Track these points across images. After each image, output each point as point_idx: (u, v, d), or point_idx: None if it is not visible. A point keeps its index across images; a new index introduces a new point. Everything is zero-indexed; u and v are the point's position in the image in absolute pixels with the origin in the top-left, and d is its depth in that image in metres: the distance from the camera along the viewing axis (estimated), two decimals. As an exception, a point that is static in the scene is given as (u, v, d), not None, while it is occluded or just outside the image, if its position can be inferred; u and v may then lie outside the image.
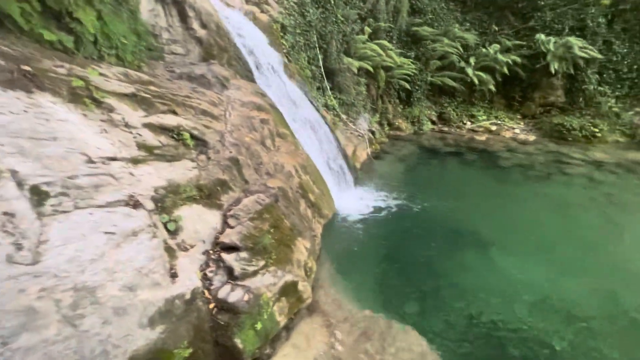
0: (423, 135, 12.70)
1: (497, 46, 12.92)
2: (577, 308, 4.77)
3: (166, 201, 3.17)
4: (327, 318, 3.73)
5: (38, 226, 2.15)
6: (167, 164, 3.50)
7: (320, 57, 9.55)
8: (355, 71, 10.51)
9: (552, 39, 12.03)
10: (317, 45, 9.38)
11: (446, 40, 13.07)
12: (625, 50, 12.11)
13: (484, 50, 13.12)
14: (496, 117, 13.39)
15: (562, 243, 6.42)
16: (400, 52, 12.69)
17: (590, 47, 11.86)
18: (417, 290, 5.04)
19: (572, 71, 12.16)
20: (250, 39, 6.61)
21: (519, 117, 13.43)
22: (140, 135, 3.38)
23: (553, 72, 12.04)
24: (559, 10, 12.80)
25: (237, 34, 6.37)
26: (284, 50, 7.67)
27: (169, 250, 2.91)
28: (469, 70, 12.81)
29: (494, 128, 12.91)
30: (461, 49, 13.16)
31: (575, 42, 11.77)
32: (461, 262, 5.75)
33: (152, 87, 4.07)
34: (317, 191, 5.52)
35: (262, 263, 3.35)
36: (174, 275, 2.79)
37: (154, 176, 3.23)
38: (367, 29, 11.69)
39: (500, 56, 12.71)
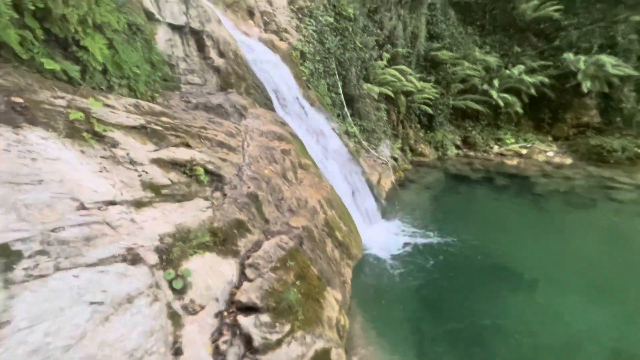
0: (448, 161, 12.02)
1: (521, 67, 12.41)
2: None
3: (173, 252, 2.63)
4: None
5: (1, 301, 1.62)
6: (176, 205, 3.00)
7: (339, 83, 9.26)
8: (376, 97, 10.16)
9: (582, 57, 11.44)
10: (336, 72, 9.12)
11: (467, 64, 12.69)
12: (664, 66, 11.35)
13: (507, 72, 12.63)
14: (525, 140, 12.62)
15: (622, 280, 5.49)
16: (420, 76, 12.36)
17: (624, 64, 11.17)
18: (458, 339, 4.24)
19: (606, 90, 11.42)
20: (269, 67, 6.34)
21: (550, 139, 12.61)
22: (146, 172, 2.91)
23: (585, 91, 11.33)
24: (585, 29, 12.30)
25: (255, 60, 6.11)
26: (304, 78, 7.38)
27: (174, 316, 2.32)
28: (493, 93, 12.27)
29: (524, 151, 12.11)
30: (483, 72, 12.72)
31: (607, 59, 11.12)
32: (506, 307, 4.92)
33: (164, 119, 3.68)
34: (344, 228, 4.90)
35: (287, 328, 2.69)
36: (178, 352, 2.18)
37: (160, 221, 2.71)
38: (386, 55, 11.47)
39: (525, 77, 12.16)
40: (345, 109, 9.22)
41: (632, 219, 7.80)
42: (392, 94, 10.61)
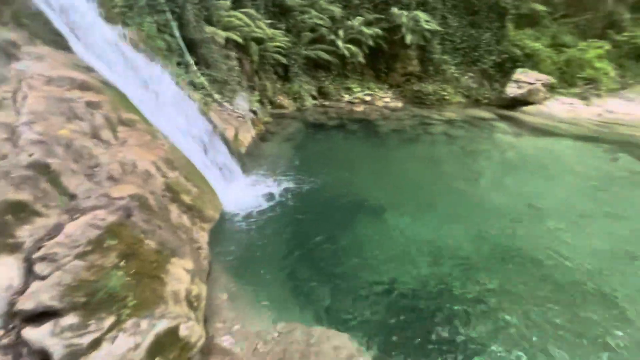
0: (307, 112, 12.38)
1: (360, 19, 13.38)
2: (460, 249, 5.28)
3: None
4: (231, 357, 2.81)
5: None
6: None
7: (174, 24, 7.76)
8: (223, 43, 9.10)
9: (404, 12, 13.15)
10: (167, 9, 7.54)
11: (314, 12, 12.77)
12: (456, 24, 14.29)
13: (349, 22, 13.41)
14: (369, 88, 14.14)
15: (438, 194, 7.10)
16: (270, 22, 11.75)
17: (433, 20, 13.49)
18: (328, 279, 4.63)
19: (422, 42, 13.67)
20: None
21: (387, 87, 14.52)
22: None
23: (409, 43, 13.27)
24: (405, -14, 14.02)
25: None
26: (116, 10, 5.72)
27: None
28: (340, 43, 12.94)
29: (368, 99, 13.62)
30: (329, 22, 13.11)
31: (422, 15, 13.17)
32: (362, 233, 5.68)
33: None
34: (194, 190, 4.31)
35: (109, 322, 2.13)
36: None
37: None
38: (229, -5, 10.25)
39: (364, 29, 13.22)
40: (187, 55, 7.93)
41: (442, 146, 9.96)
42: (241, 41, 9.74)
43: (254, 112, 10.10)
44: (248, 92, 10.69)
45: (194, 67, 7.99)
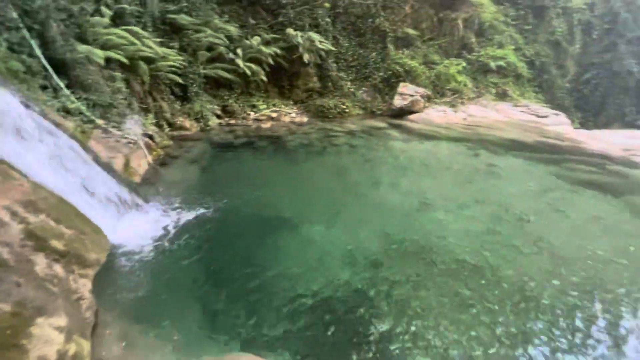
0: (212, 131, 11.95)
1: (258, 38, 13.67)
2: (368, 250, 5.76)
3: None
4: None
5: None
6: None
7: (34, 42, 6.67)
8: (102, 63, 8.19)
9: (299, 33, 13.95)
10: (22, 25, 6.45)
11: (209, 31, 12.55)
12: (347, 44, 15.79)
13: (247, 42, 13.57)
14: (274, 105, 14.44)
15: (345, 201, 7.64)
16: (161, 41, 11.10)
17: (326, 41, 14.64)
18: (242, 300, 4.52)
19: (319, 61, 14.67)
20: None
21: (292, 103, 15.05)
22: None
23: (307, 62, 14.09)
24: (298, 9, 14.94)
25: None
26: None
27: None
28: (240, 62, 12.96)
29: (274, 115, 13.88)
30: (227, 41, 13.04)
31: (315, 36, 14.17)
32: (277, 248, 5.73)
33: None
34: (68, 233, 3.73)
35: None
36: None
37: None
38: (107, 11, 9.34)
39: (263, 48, 13.54)
40: (55, 78, 6.89)
41: (346, 156, 10.74)
42: (126, 60, 8.93)
43: (150, 136, 9.30)
44: (141, 114, 9.81)
45: (66, 91, 6.97)
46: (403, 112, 14.31)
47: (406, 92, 14.48)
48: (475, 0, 17.05)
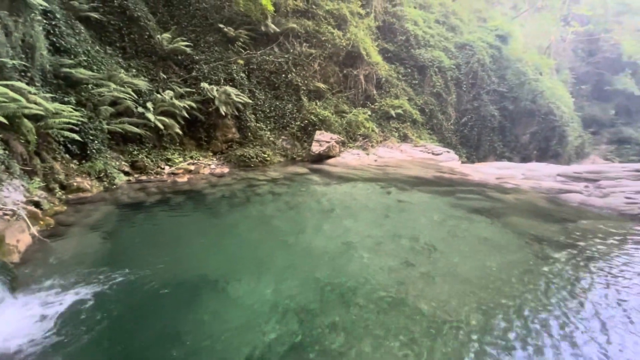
0: (118, 191, 10.80)
1: (170, 92, 13.41)
2: (298, 299, 5.63)
3: None
4: None
5: None
6: None
7: None
8: (-30, 123, 6.96)
9: (214, 87, 14.19)
10: None
11: (114, 85, 11.86)
12: (263, 97, 16.58)
13: (159, 96, 13.19)
14: (191, 157, 13.94)
15: (272, 251, 7.50)
16: (52, 97, 10.02)
17: (242, 94, 15.15)
18: None
19: (237, 113, 14.97)
20: None
21: (211, 154, 14.76)
22: None
23: (224, 114, 14.23)
24: (212, 65, 15.33)
25: None
26: None
27: None
28: (150, 116, 12.40)
29: (192, 167, 13.34)
30: (134, 95, 12.45)
31: (231, 90, 14.57)
32: (202, 313, 5.21)
33: None
34: None
35: None
36: None
37: None
38: (-21, 65, 8.17)
39: (177, 101, 13.29)
40: None
41: (270, 204, 10.72)
42: (4, 120, 7.75)
43: (36, 204, 7.95)
44: (25, 178, 8.42)
45: None
46: (321, 157, 15.25)
47: (322, 139, 15.58)
48: (372, 60, 19.96)
